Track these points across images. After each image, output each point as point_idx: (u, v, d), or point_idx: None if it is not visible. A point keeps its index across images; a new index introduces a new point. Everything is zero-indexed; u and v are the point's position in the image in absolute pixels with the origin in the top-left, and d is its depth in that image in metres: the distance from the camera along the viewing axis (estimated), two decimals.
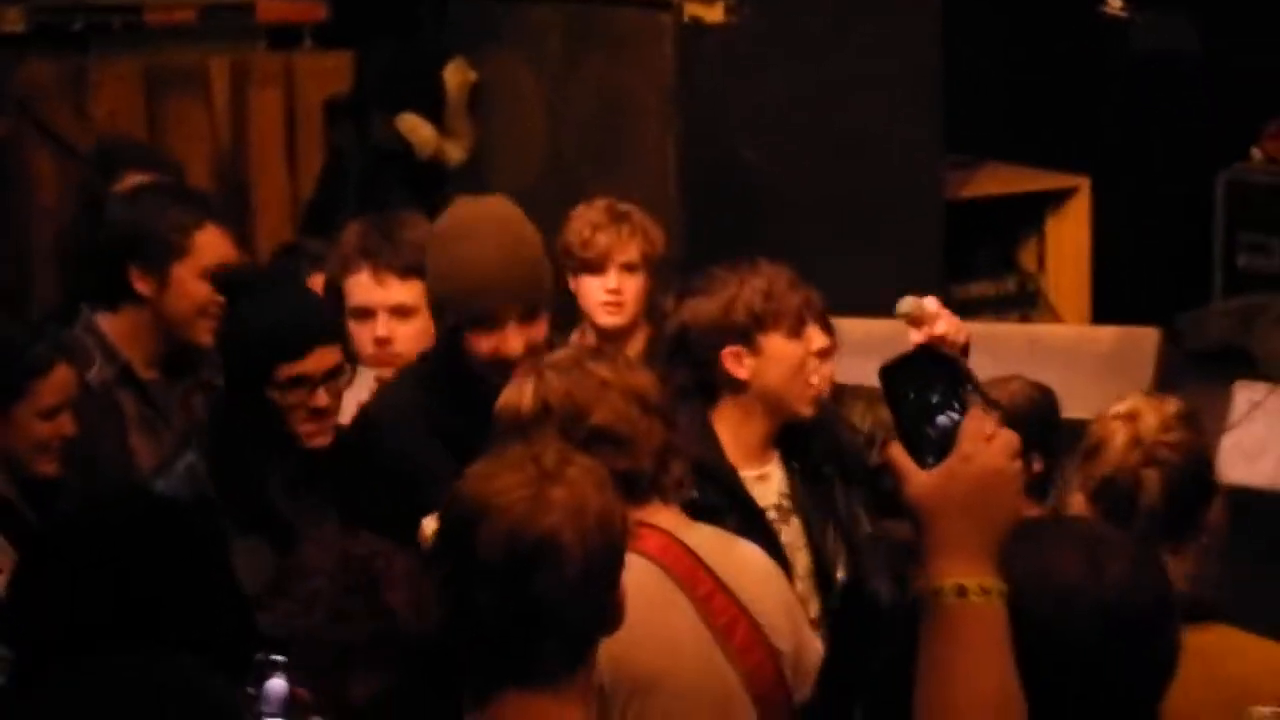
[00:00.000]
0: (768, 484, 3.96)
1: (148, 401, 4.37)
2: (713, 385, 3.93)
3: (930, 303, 3.91)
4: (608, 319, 4.66)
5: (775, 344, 3.90)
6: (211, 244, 4.40)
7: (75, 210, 5.15)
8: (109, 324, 4.41)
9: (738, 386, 3.92)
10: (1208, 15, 7.16)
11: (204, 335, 4.36)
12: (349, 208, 6.14)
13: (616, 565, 2.61)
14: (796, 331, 3.92)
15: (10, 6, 5.92)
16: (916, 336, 3.92)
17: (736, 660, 3.34)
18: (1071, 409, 4.70)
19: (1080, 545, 2.40)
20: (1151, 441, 3.34)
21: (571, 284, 4.76)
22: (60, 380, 3.99)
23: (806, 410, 3.94)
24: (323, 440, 3.93)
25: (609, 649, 2.98)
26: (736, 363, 3.90)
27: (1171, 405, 3.42)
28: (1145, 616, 2.38)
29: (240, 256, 4.60)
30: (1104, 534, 2.47)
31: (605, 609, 2.60)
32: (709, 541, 3.44)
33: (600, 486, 2.60)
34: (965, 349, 3.88)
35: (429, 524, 3.46)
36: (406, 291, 4.27)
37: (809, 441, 3.98)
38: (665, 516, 3.40)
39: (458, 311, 3.89)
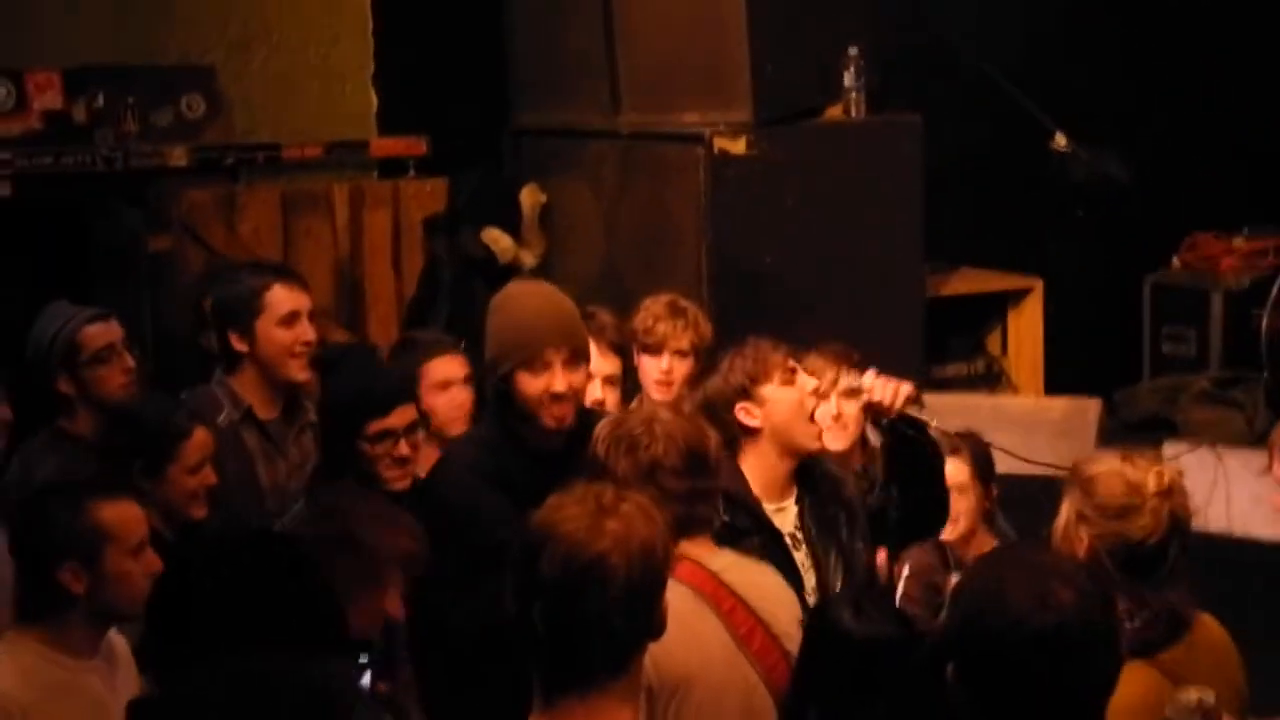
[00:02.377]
0: (785, 515, 3.94)
1: (268, 437, 4.39)
2: (736, 438, 3.92)
3: (867, 376, 3.93)
4: (659, 394, 4.66)
5: (772, 393, 3.90)
6: (281, 298, 4.45)
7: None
8: (233, 380, 4.46)
9: (753, 434, 3.92)
10: (1136, 152, 7.15)
11: (298, 372, 4.39)
12: (443, 304, 6.16)
13: (659, 585, 2.56)
14: (788, 380, 3.92)
15: (176, 145, 5.94)
16: (856, 404, 3.95)
17: (756, 663, 3.32)
18: (1027, 465, 4.67)
19: (1031, 575, 2.34)
20: (1182, 516, 3.21)
21: (636, 360, 4.76)
22: (200, 441, 4.01)
23: (813, 444, 3.93)
24: (404, 484, 3.94)
25: (652, 656, 2.94)
26: (748, 415, 3.90)
27: (1178, 474, 3.28)
28: (1086, 639, 2.32)
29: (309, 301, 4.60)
30: (1055, 565, 2.40)
31: (649, 620, 2.54)
32: (731, 567, 3.42)
33: (648, 519, 2.56)
34: (911, 399, 3.87)
35: None
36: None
37: (819, 486, 3.97)
38: (695, 548, 3.38)
39: (511, 359, 3.88)
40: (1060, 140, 6.78)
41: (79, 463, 4.19)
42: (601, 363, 4.52)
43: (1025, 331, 6.70)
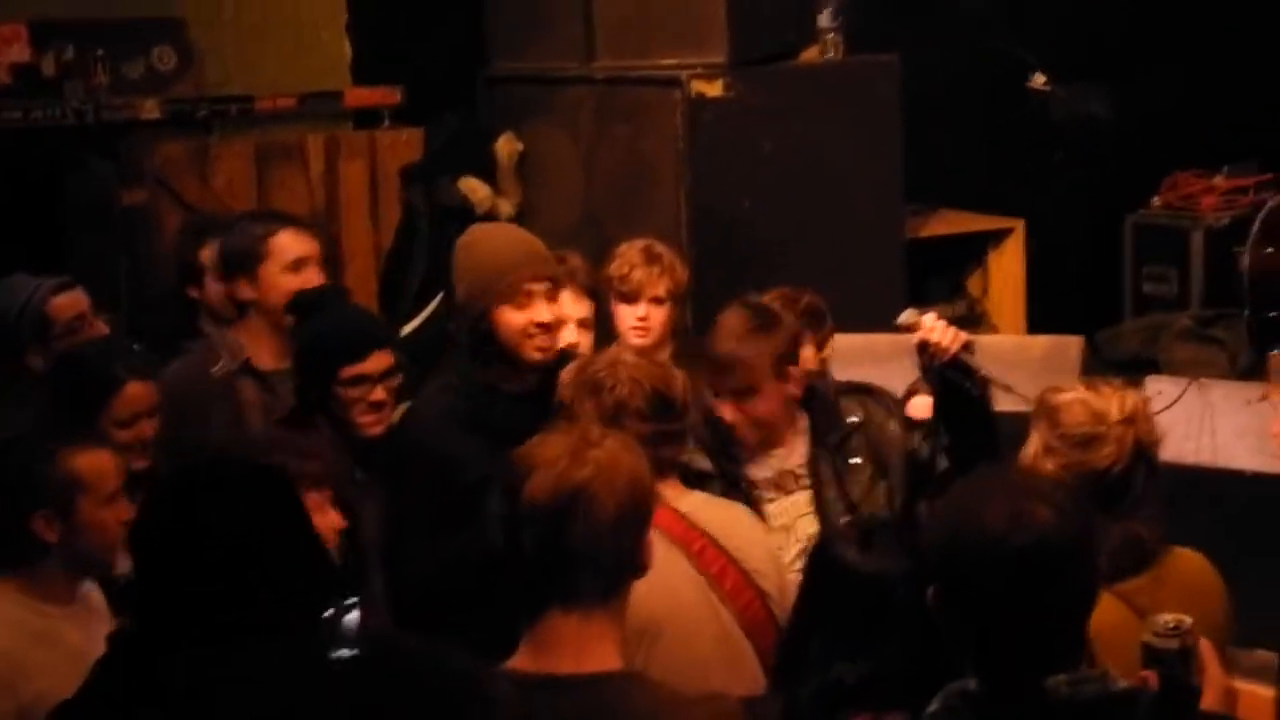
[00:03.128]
0: (768, 458, 3.87)
1: (268, 388, 4.32)
2: None
3: (927, 316, 3.85)
4: (636, 340, 4.59)
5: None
6: (287, 244, 4.41)
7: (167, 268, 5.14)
8: (237, 330, 4.42)
9: None
10: (1116, 90, 7.11)
11: None
12: (421, 255, 6.10)
13: (644, 517, 2.53)
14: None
15: (148, 98, 5.87)
16: (913, 340, 3.87)
17: (729, 602, 3.28)
18: (1011, 403, 4.62)
19: (1008, 495, 2.31)
20: (1147, 443, 3.18)
21: (611, 308, 4.71)
22: (132, 394, 3.95)
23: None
24: (378, 429, 3.91)
25: None
26: None
27: (1142, 400, 3.25)
28: (1063, 558, 2.29)
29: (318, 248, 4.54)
30: (1031, 484, 2.37)
31: (635, 553, 2.52)
32: (700, 507, 3.38)
33: (633, 453, 2.54)
34: (968, 346, 3.80)
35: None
36: None
37: (846, 435, 3.89)
38: (663, 489, 3.33)
39: (490, 294, 3.84)
40: (1039, 79, 6.73)
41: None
42: (575, 306, 4.46)
43: (1006, 273, 6.65)
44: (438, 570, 3.68)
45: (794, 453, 3.87)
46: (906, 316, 3.88)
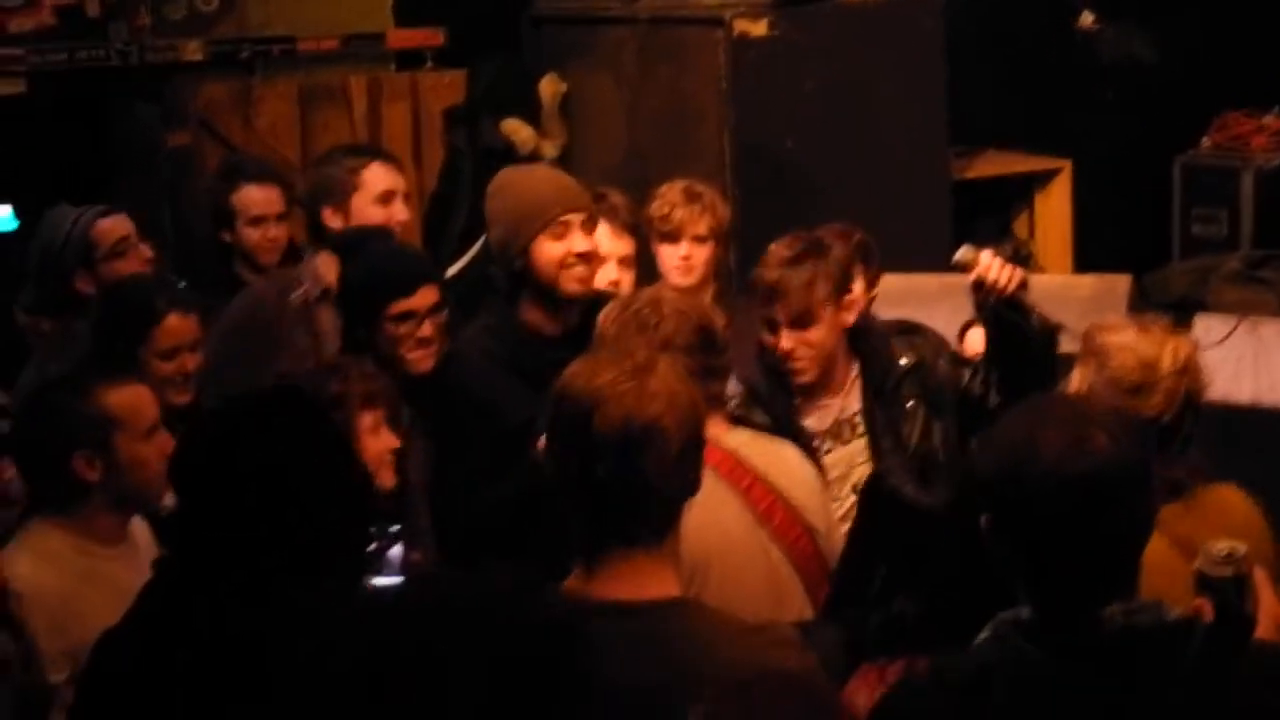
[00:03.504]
0: (826, 412, 3.85)
1: None
2: None
3: (984, 254, 3.79)
4: (679, 280, 4.55)
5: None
6: (377, 176, 4.45)
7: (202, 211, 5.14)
8: (320, 258, 4.39)
9: None
10: (1164, 30, 7.01)
11: None
12: (464, 197, 6.07)
13: (703, 442, 2.51)
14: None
15: (191, 39, 5.85)
16: (969, 279, 3.81)
17: (778, 538, 3.26)
18: (1066, 343, 4.57)
19: (1066, 422, 2.28)
20: (1195, 392, 3.13)
21: (654, 248, 4.67)
22: (173, 326, 3.94)
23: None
24: (427, 365, 3.89)
25: None
26: None
27: (1194, 348, 3.19)
28: (1121, 485, 2.25)
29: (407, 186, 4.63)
30: (1088, 412, 2.33)
31: (696, 478, 2.50)
32: (748, 442, 3.36)
33: (683, 378, 2.51)
34: (1024, 284, 3.74)
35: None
36: None
37: (901, 381, 3.86)
38: (710, 425, 3.29)
39: (529, 228, 3.85)
40: (1087, 18, 6.64)
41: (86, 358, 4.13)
42: (616, 244, 4.43)
43: (1053, 214, 6.59)
44: (481, 512, 3.66)
45: (849, 401, 3.85)
46: (963, 254, 3.81)
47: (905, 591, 2.96)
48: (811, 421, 3.84)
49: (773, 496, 3.27)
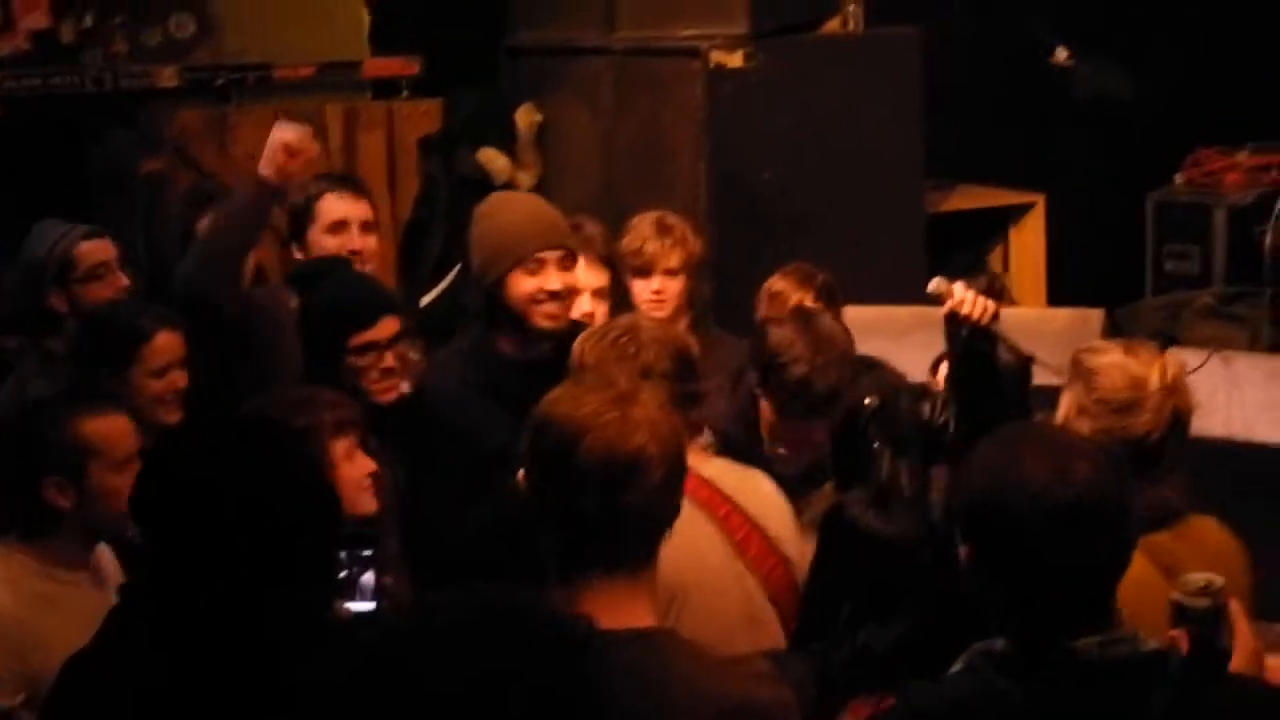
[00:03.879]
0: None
1: None
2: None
3: (957, 286, 3.79)
4: (653, 313, 4.55)
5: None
6: (330, 206, 4.42)
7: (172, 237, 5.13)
8: None
9: None
10: (1138, 67, 7.05)
11: None
12: (439, 226, 6.07)
13: (684, 469, 2.50)
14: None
15: (166, 66, 5.84)
16: (941, 311, 3.81)
17: (754, 567, 3.26)
18: (1039, 375, 4.57)
19: (1048, 451, 2.28)
20: (1183, 411, 3.13)
21: (626, 282, 4.68)
22: (163, 344, 3.93)
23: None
24: (391, 395, 3.87)
25: None
26: None
27: (1181, 367, 3.20)
28: (1104, 512, 2.25)
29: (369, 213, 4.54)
30: (1070, 441, 2.34)
31: (675, 506, 2.49)
32: (723, 472, 3.35)
33: (663, 405, 2.51)
34: (996, 316, 3.74)
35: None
36: None
37: (865, 417, 3.86)
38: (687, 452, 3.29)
39: (503, 261, 3.84)
40: (1061, 54, 6.67)
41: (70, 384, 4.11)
42: (590, 275, 4.42)
43: (1027, 248, 6.60)
44: (458, 539, 3.64)
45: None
46: (936, 285, 3.81)
47: (870, 623, 2.95)
48: (783, 467, 3.84)
49: (749, 526, 3.27)
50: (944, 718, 2.21)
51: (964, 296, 3.70)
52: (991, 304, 3.75)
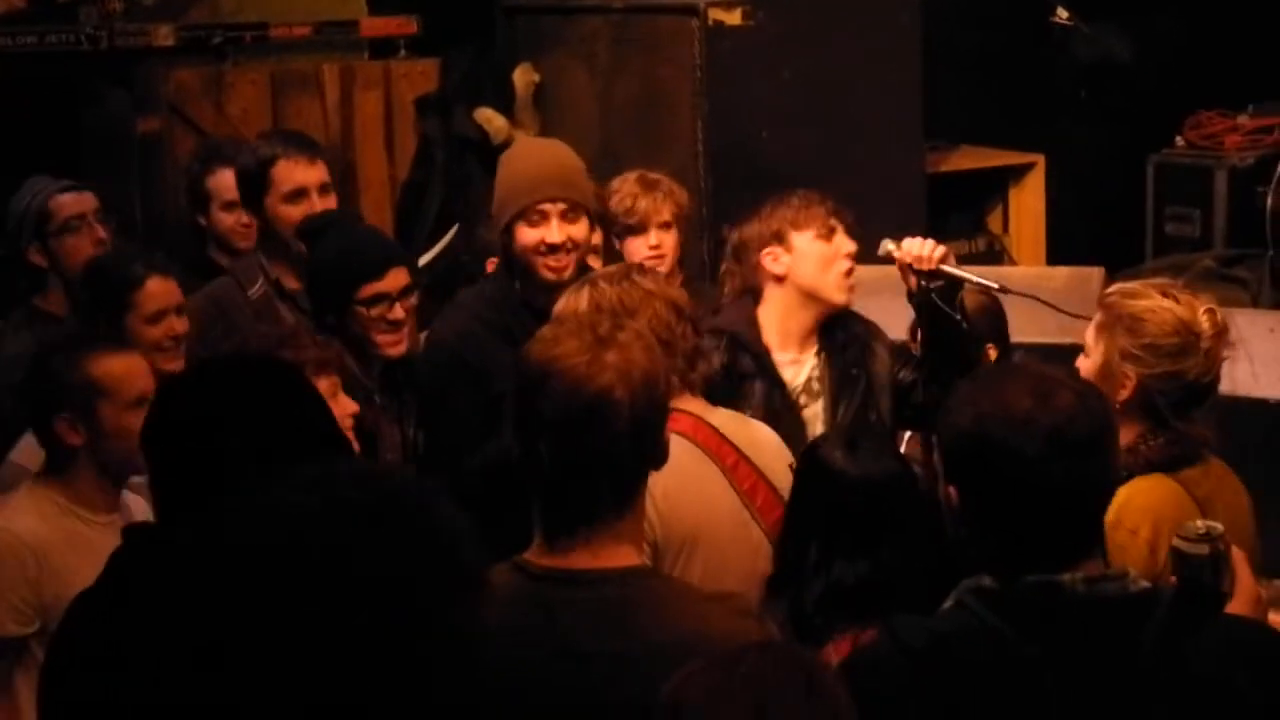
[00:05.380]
0: (800, 367, 3.91)
1: (299, 309, 4.30)
2: (757, 284, 3.90)
3: (905, 241, 3.85)
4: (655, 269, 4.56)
5: (805, 243, 3.86)
6: (284, 174, 4.36)
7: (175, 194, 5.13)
8: (263, 250, 4.39)
9: (777, 280, 3.90)
10: (1139, 29, 7.05)
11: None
12: (437, 186, 6.08)
13: (661, 414, 2.47)
14: (826, 235, 3.87)
15: (162, 24, 5.84)
16: (899, 267, 3.87)
17: (760, 516, 3.27)
18: (1031, 333, 4.61)
19: (1031, 382, 2.31)
20: (1224, 355, 3.19)
21: (619, 246, 4.68)
22: (155, 289, 3.95)
23: (839, 297, 3.89)
24: (400, 349, 3.87)
25: (658, 511, 2.89)
26: (774, 260, 3.88)
27: (1223, 312, 3.24)
28: (1088, 439, 2.28)
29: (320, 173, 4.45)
30: (1050, 373, 2.36)
31: (653, 451, 2.48)
32: (729, 422, 3.37)
33: (647, 347, 2.48)
34: (946, 258, 3.80)
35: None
36: None
37: (846, 345, 3.92)
38: (693, 404, 3.33)
39: (509, 211, 3.86)
40: (1062, 15, 6.67)
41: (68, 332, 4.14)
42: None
43: (1027, 209, 6.61)
44: (462, 479, 3.65)
45: (808, 364, 3.92)
46: (884, 248, 3.89)
47: (839, 560, 2.99)
48: (788, 375, 3.89)
49: (756, 476, 3.28)
50: (930, 652, 2.23)
51: (909, 247, 3.77)
52: (940, 246, 3.81)
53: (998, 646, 2.22)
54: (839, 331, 3.93)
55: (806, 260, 3.88)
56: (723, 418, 3.36)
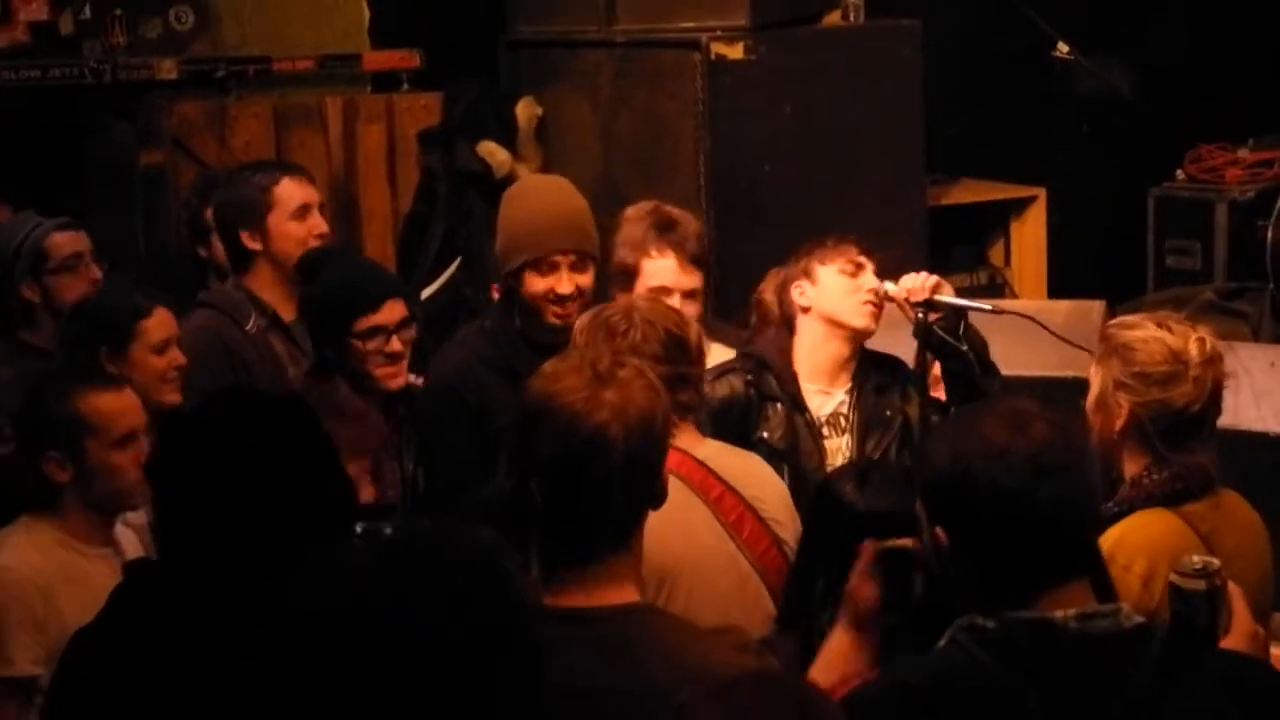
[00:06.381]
0: (828, 399, 3.98)
1: (292, 341, 4.32)
2: (792, 316, 3.94)
3: (903, 279, 3.94)
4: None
5: (830, 276, 3.94)
6: (290, 191, 4.40)
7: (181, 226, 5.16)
8: (249, 283, 4.40)
9: (804, 312, 3.97)
10: (1140, 62, 7.08)
11: None
12: (439, 219, 6.11)
13: (659, 454, 2.48)
14: (851, 272, 3.95)
15: (165, 58, 5.88)
16: (899, 304, 3.94)
17: (747, 549, 3.28)
18: (1032, 366, 4.63)
19: (1006, 415, 2.34)
20: (1220, 383, 3.18)
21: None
22: (161, 320, 3.96)
23: (858, 321, 3.94)
24: (398, 381, 3.88)
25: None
26: (800, 293, 3.94)
27: (1218, 341, 3.24)
28: (1065, 465, 2.30)
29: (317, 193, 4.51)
30: (1024, 405, 2.38)
31: (650, 491, 2.49)
32: (717, 454, 3.38)
33: (647, 386, 2.49)
34: (938, 288, 3.87)
35: None
36: None
37: (885, 386, 3.99)
38: (682, 437, 3.33)
39: (519, 257, 3.88)
40: (1063, 49, 6.70)
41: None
42: (681, 277, 4.34)
43: (1028, 242, 6.62)
44: (476, 507, 3.67)
45: (837, 397, 3.97)
46: (880, 291, 3.99)
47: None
48: (813, 404, 3.94)
49: (742, 508, 3.30)
50: (928, 690, 2.24)
51: (902, 284, 3.87)
52: (932, 277, 3.90)
53: (992, 685, 2.23)
54: (878, 373, 4.00)
55: (828, 291, 3.98)
56: (710, 449, 3.38)
